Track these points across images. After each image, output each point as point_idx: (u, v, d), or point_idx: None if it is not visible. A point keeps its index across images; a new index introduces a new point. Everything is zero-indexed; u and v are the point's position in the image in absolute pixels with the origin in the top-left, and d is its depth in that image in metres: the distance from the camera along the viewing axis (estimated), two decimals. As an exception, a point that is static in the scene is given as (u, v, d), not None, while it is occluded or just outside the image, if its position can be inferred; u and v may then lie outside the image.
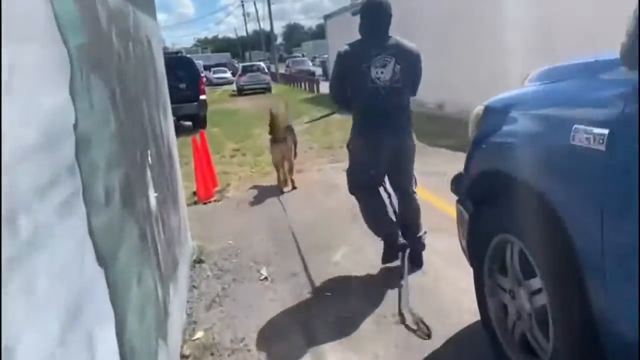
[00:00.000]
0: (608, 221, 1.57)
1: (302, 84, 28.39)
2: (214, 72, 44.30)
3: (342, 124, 8.63)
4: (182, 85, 11.88)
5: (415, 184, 3.92)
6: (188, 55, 13.62)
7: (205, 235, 4.97)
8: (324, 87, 23.56)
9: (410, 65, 3.60)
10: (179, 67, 12.15)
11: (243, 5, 74.51)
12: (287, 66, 40.85)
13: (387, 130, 3.56)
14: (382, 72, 3.50)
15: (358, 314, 3.22)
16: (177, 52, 13.00)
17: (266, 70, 28.75)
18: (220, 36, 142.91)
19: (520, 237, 2.15)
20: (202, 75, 14.40)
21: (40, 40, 1.27)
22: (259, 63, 31.84)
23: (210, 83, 42.92)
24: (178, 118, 11.47)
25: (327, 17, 22.07)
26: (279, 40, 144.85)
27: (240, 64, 30.87)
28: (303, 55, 64.74)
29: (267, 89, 27.61)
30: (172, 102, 8.58)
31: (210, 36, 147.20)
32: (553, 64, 2.37)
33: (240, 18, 77.40)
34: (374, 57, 3.52)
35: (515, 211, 2.17)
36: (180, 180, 4.42)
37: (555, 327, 1.93)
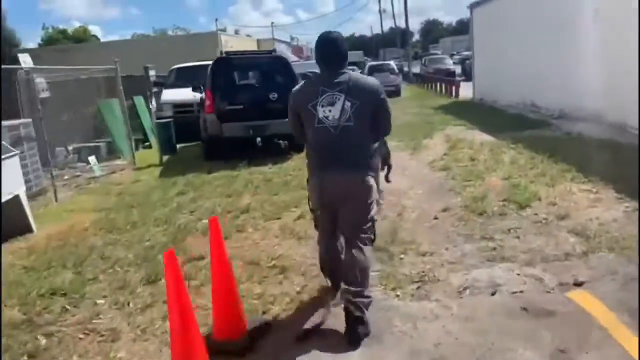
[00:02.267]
0: None
1: (439, 86, 25.55)
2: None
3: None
4: (272, 96, 9.50)
5: (373, 237, 3.60)
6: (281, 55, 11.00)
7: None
8: (467, 90, 20.74)
9: (366, 102, 3.37)
10: (271, 71, 9.93)
11: (379, 2, 72.73)
12: (423, 65, 37.50)
13: (336, 171, 3.38)
14: (330, 111, 3.32)
15: None
16: (270, 51, 10.68)
17: (396, 70, 26.16)
18: (357, 34, 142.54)
19: None
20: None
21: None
22: (388, 62, 29.36)
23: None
24: (264, 138, 9.53)
25: (474, 5, 18.99)
26: (416, 37, 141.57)
27: (368, 63, 28.60)
28: (441, 53, 61.24)
29: (395, 92, 25.07)
30: (254, 118, 6.41)
31: (347, 34, 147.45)
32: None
33: (377, 15, 75.15)
34: (321, 95, 3.33)
35: None
36: None
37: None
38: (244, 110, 9.34)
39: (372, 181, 3.46)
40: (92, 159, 9.06)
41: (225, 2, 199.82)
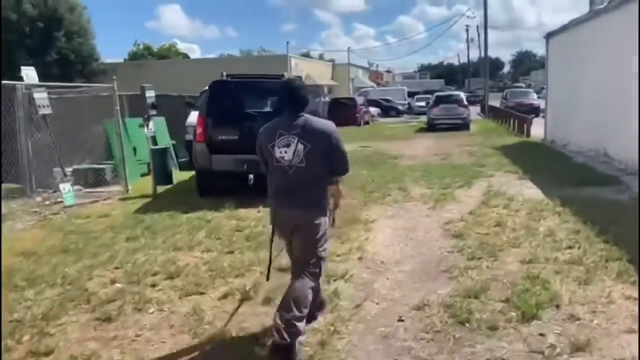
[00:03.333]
0: None
1: (512, 122, 23.15)
2: (417, 100, 41.01)
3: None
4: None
5: (320, 271, 3.71)
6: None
7: None
8: (538, 128, 18.42)
9: (319, 144, 3.54)
10: (276, 98, 8.22)
11: (467, 31, 70.24)
12: (504, 98, 34.93)
13: (287, 207, 3.61)
14: (285, 152, 3.53)
15: None
16: (278, 76, 8.81)
17: (465, 102, 24.05)
18: (445, 62, 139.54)
19: None
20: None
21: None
22: (457, 93, 27.17)
23: (412, 111, 40.32)
24: (258, 175, 7.99)
25: (550, 34, 16.80)
26: (507, 68, 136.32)
27: (436, 94, 26.66)
28: (529, 85, 57.70)
29: (464, 126, 23.04)
30: (248, 151, 5.28)
31: (436, 62, 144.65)
32: None
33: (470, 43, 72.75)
34: (278, 138, 3.55)
35: None
36: None
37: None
38: (238, 141, 8.08)
39: (320, 219, 3.64)
40: (64, 186, 8.14)
41: (318, 27, 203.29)
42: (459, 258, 5.28)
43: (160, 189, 9.42)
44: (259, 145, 3.71)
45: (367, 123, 31.09)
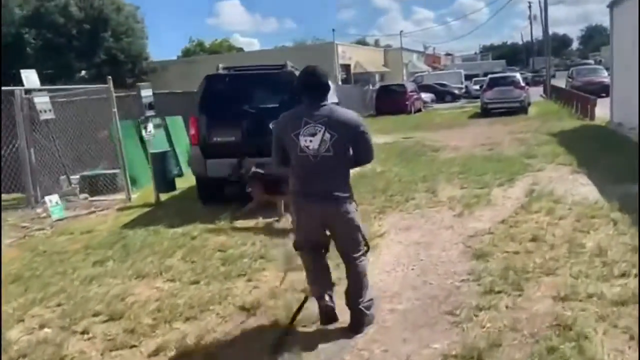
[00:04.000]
0: None
1: (575, 103, 20.96)
2: (475, 83, 38.70)
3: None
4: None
5: (367, 249, 3.76)
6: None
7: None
8: (604, 108, 16.39)
9: (346, 134, 3.51)
10: (278, 92, 7.44)
11: (530, 7, 66.22)
12: (570, 77, 32.12)
13: (317, 198, 3.54)
14: (310, 141, 3.46)
15: None
16: (279, 66, 7.84)
17: (522, 84, 22.02)
18: (509, 42, 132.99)
19: None
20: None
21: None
22: (513, 74, 25.03)
23: (470, 95, 38.14)
24: None
25: (614, 3, 14.78)
26: (575, 45, 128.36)
27: (489, 75, 24.61)
28: (599, 62, 53.54)
29: (520, 109, 21.14)
30: (247, 154, 6.27)
31: (499, 42, 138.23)
32: None
33: (534, 21, 68.53)
34: (304, 126, 3.48)
35: None
36: None
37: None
38: (236, 143, 7.15)
39: (350, 208, 3.59)
40: (51, 198, 7.48)
41: (377, 13, 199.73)
42: (473, 291, 4.09)
43: (166, 196, 8.69)
44: (279, 134, 3.63)
45: (418, 110, 29.50)
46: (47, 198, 7.38)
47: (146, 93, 8.18)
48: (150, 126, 8.32)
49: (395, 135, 17.17)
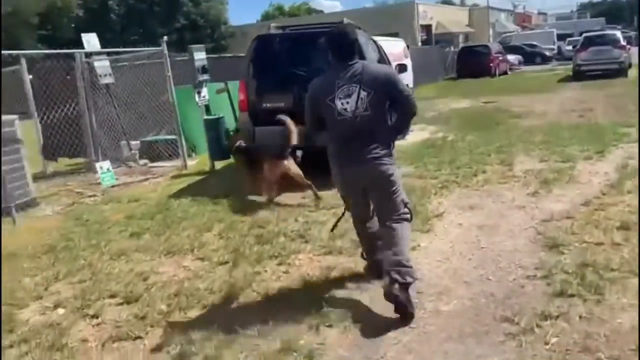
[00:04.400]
0: None
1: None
2: (568, 43, 35.57)
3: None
4: None
5: (411, 216, 3.53)
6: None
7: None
8: None
9: (381, 89, 3.36)
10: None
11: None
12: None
13: (359, 161, 3.40)
14: (347, 102, 3.34)
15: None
16: (336, 24, 6.82)
17: (622, 43, 19.68)
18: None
19: None
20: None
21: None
22: (612, 32, 22.53)
23: (562, 57, 35.20)
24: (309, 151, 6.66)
25: None
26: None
27: (584, 34, 22.15)
28: None
29: (620, 71, 18.94)
30: (301, 121, 4.38)
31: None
32: None
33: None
34: (338, 89, 3.36)
35: None
36: None
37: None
38: (288, 109, 6.56)
39: (392, 169, 3.46)
40: (101, 164, 7.33)
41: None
42: (539, 292, 3.37)
43: (222, 163, 8.38)
44: (312, 101, 3.52)
45: (504, 73, 27.59)
46: (97, 165, 7.28)
47: (199, 56, 7.80)
48: (204, 91, 7.97)
49: (475, 99, 15.96)
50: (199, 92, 7.92)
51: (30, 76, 8.85)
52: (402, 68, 8.88)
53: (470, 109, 13.83)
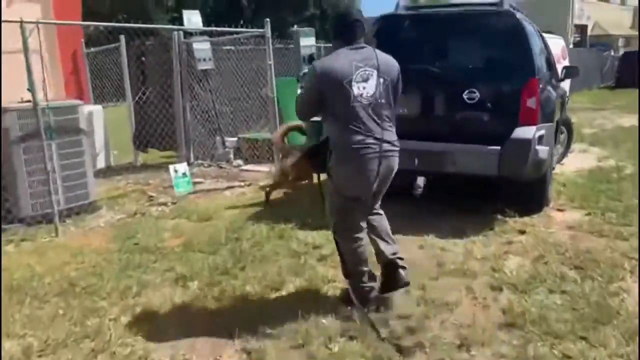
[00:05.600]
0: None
1: None
2: None
3: None
4: (471, 95, 4.63)
5: None
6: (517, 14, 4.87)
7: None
8: None
9: (392, 78, 3.22)
10: (484, 44, 4.88)
11: None
12: None
13: (375, 150, 3.10)
14: (364, 87, 3.08)
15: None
16: (491, 4, 4.90)
17: None
18: None
19: None
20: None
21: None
22: None
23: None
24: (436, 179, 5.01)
25: None
26: None
27: None
28: None
29: None
30: (426, 136, 4.65)
31: None
32: None
33: None
34: (356, 71, 3.08)
35: None
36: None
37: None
38: (410, 117, 4.77)
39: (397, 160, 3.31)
40: (177, 167, 5.96)
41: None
42: None
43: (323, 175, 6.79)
44: (321, 85, 3.11)
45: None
46: (171, 168, 5.97)
47: (307, 42, 6.25)
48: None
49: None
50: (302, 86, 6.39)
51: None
52: (570, 72, 6.62)
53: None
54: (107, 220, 5.34)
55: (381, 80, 3.09)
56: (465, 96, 4.61)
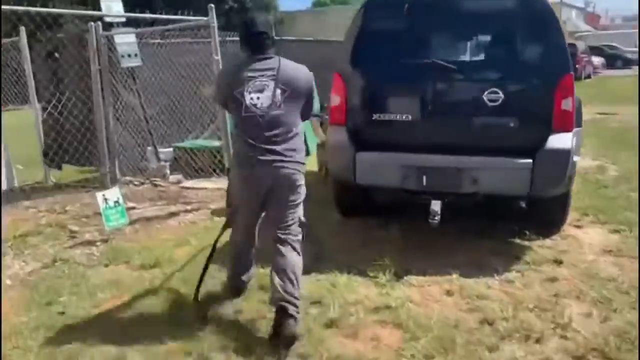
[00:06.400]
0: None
1: None
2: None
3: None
4: (492, 95, 3.70)
5: (306, 232, 3.20)
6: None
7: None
8: None
9: (298, 88, 3.09)
10: (501, 32, 4.03)
11: None
12: None
13: (266, 163, 3.03)
14: (258, 98, 3.01)
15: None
16: None
17: None
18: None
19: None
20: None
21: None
22: None
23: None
24: (451, 202, 4.01)
25: None
26: None
27: None
28: None
29: None
30: (435, 148, 3.76)
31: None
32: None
33: None
34: (248, 81, 3.02)
35: None
36: None
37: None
38: (415, 125, 3.90)
39: (300, 178, 3.16)
40: (105, 194, 4.47)
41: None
42: None
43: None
44: (222, 89, 3.18)
45: (588, 77, 24.24)
46: (99, 196, 4.57)
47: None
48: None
49: (584, 108, 12.81)
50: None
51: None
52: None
53: (590, 123, 10.75)
54: (14, 274, 3.92)
55: (278, 91, 2.96)
56: (485, 97, 3.71)
